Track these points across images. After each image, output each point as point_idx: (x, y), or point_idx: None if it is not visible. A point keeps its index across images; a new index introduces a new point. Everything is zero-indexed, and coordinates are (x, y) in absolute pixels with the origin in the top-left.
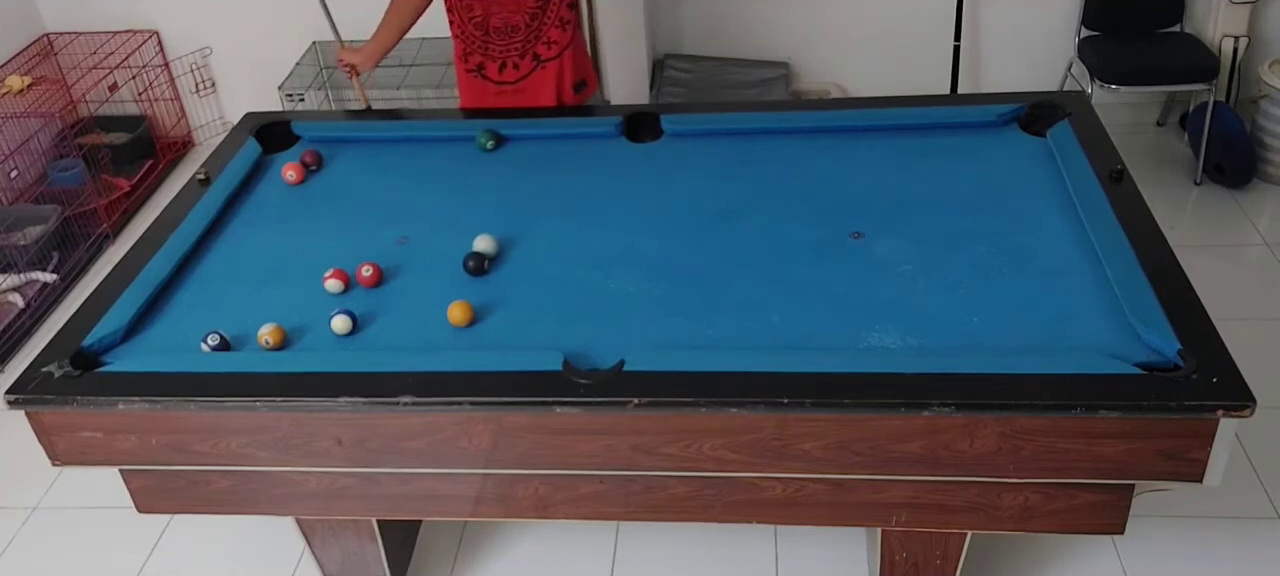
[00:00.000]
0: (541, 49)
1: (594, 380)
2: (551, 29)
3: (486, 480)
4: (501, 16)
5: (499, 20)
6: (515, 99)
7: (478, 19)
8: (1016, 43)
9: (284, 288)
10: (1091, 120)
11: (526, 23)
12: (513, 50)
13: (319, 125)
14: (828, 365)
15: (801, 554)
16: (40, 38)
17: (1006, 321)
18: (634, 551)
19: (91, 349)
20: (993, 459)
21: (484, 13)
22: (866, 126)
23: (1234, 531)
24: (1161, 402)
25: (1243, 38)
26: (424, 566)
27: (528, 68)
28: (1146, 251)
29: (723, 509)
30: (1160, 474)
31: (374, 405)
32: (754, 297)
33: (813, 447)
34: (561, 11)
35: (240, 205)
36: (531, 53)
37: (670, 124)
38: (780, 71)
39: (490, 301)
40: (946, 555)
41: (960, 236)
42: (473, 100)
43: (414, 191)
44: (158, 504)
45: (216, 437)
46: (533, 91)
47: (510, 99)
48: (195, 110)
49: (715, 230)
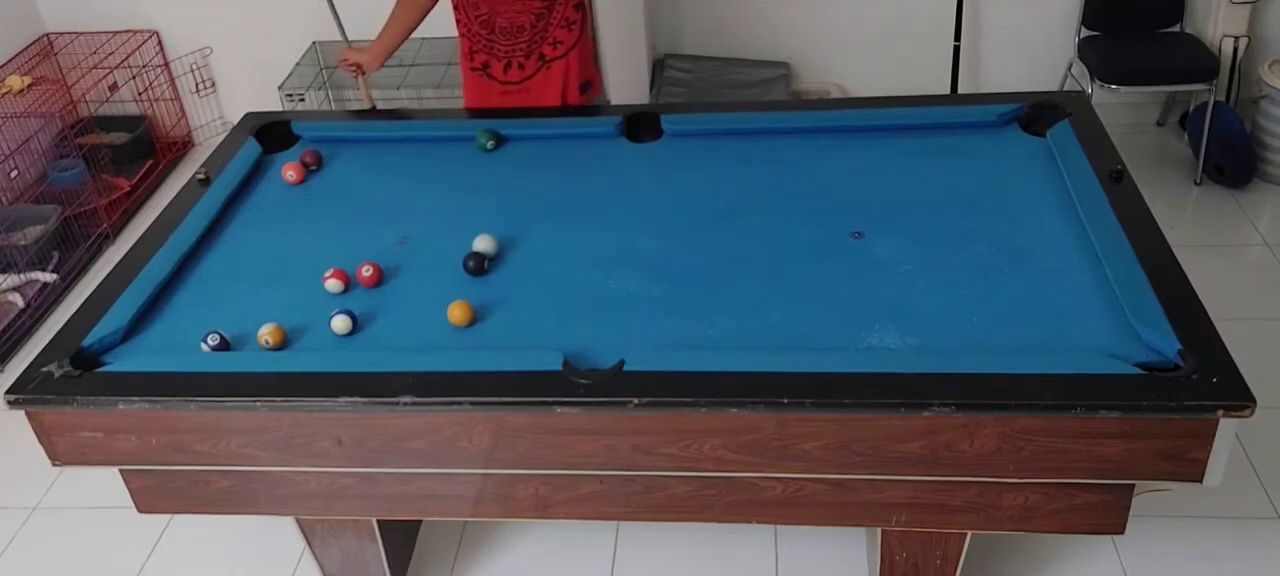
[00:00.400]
0: (547, 49)
1: (594, 380)
2: (557, 29)
3: (486, 480)
4: (507, 16)
5: (505, 20)
6: (520, 98)
7: (484, 17)
8: (1016, 43)
9: (284, 288)
10: (1091, 120)
11: (532, 23)
12: (518, 50)
13: (319, 125)
14: (828, 365)
15: (801, 554)
16: (40, 38)
17: (1006, 321)
18: (634, 551)
19: (91, 349)
20: (993, 459)
21: (490, 11)
22: (866, 126)
23: (1234, 531)
24: (1161, 402)
25: (1243, 38)
26: (424, 566)
27: (533, 68)
28: (1146, 251)
29: (723, 509)
30: (1160, 474)
31: (374, 405)
32: (754, 298)
33: (813, 447)
34: (568, 12)
35: (240, 205)
36: (537, 53)
37: (670, 124)
38: (780, 71)
39: (490, 301)
40: (946, 555)
41: (960, 236)
42: (477, 99)
43: (414, 191)
44: (158, 504)
45: (216, 437)
46: (537, 91)
47: (515, 98)
48: (195, 110)
49: (715, 230)
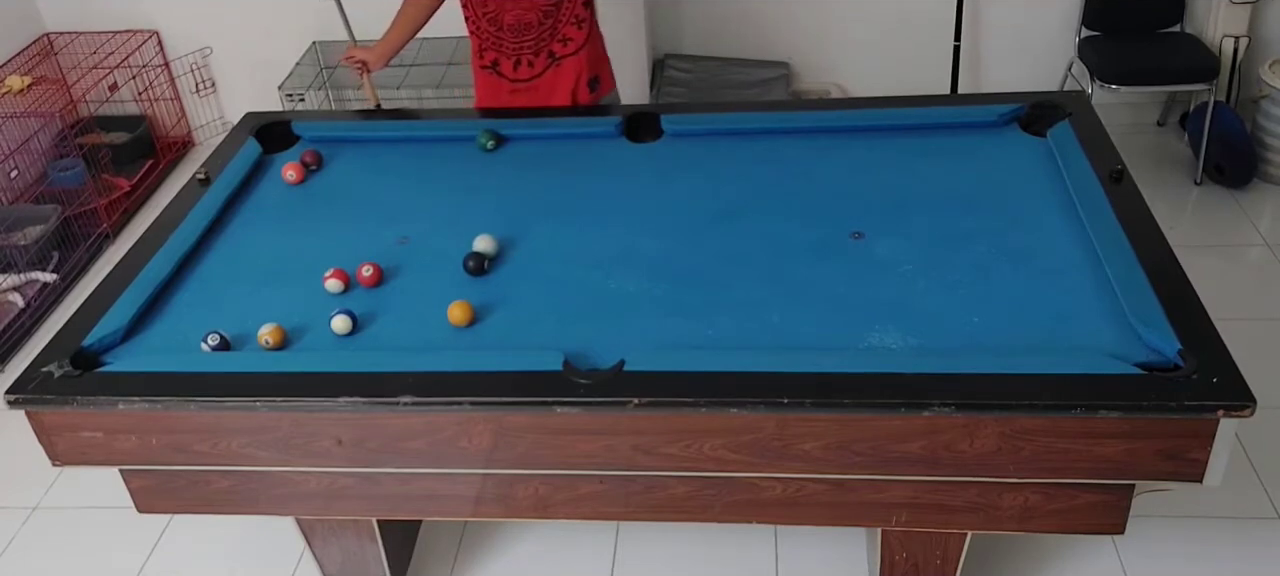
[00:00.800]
0: (557, 47)
1: (594, 380)
2: (567, 27)
3: (486, 480)
4: (515, 14)
5: (512, 16)
6: (530, 96)
7: (491, 14)
8: (1016, 43)
9: (284, 287)
10: (1092, 120)
11: (540, 20)
12: (526, 47)
13: (319, 125)
14: (828, 365)
15: (801, 554)
16: (40, 37)
17: (1007, 321)
18: (634, 551)
19: (91, 349)
20: (993, 459)
21: (497, 8)
22: (866, 126)
23: (1234, 531)
24: (1161, 402)
25: (1243, 38)
26: (424, 566)
27: (543, 65)
28: (1146, 251)
29: (723, 509)
30: (1160, 474)
31: (374, 405)
32: (754, 298)
33: (813, 447)
34: (577, 10)
35: (240, 205)
36: (547, 50)
37: (670, 124)
38: (780, 71)
39: (490, 301)
40: (946, 555)
41: (960, 236)
42: (487, 96)
43: (414, 191)
44: (158, 504)
45: (216, 437)
46: (547, 89)
47: (525, 96)
48: (195, 110)
49: (715, 230)
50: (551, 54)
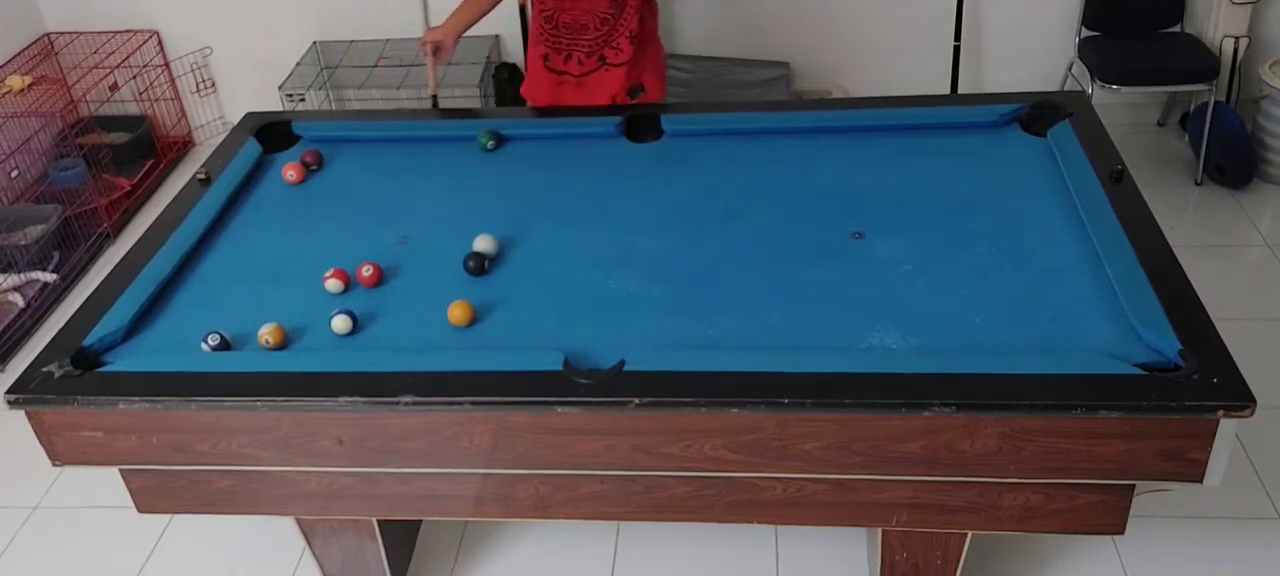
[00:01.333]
0: (609, 53)
1: (594, 380)
2: (621, 38)
3: (487, 480)
4: (571, 14)
5: (568, 16)
6: (576, 91)
7: (548, 13)
8: (1017, 43)
9: (284, 287)
10: (1092, 120)
11: (596, 25)
12: (580, 47)
13: (319, 125)
14: (828, 365)
15: (801, 554)
16: (40, 37)
17: (1007, 321)
18: (634, 551)
19: (92, 348)
20: (993, 459)
21: (554, 7)
22: (867, 126)
23: (1234, 531)
24: (1162, 403)
25: (1243, 38)
26: (424, 566)
27: (593, 66)
28: (1147, 251)
29: (723, 509)
30: (1160, 474)
31: (374, 405)
32: (754, 297)
33: (813, 448)
34: (631, 25)
35: (241, 205)
36: (599, 54)
37: (670, 124)
38: (780, 71)
39: (490, 301)
40: (947, 555)
41: (961, 236)
42: (531, 85)
43: (414, 191)
44: (158, 504)
45: (217, 437)
46: (592, 88)
47: (571, 90)
48: (195, 110)
49: (715, 230)
50: (603, 58)
